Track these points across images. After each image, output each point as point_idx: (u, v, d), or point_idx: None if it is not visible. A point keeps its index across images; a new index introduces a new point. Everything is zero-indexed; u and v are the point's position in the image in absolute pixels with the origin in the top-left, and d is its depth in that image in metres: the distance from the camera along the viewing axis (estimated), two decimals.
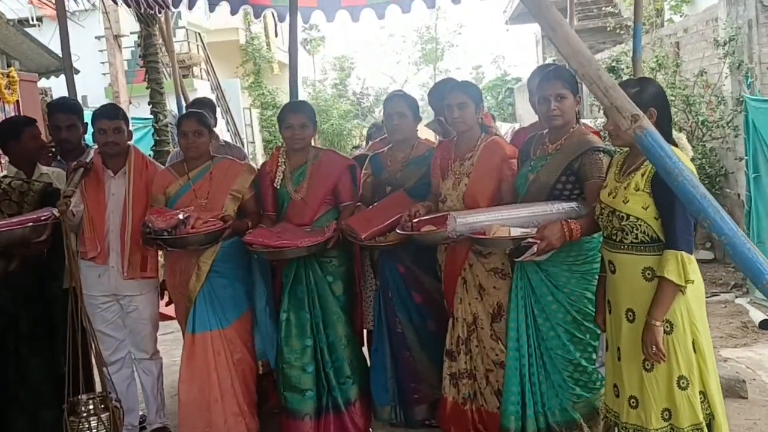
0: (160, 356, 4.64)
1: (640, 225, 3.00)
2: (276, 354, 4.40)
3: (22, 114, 7.85)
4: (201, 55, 19.76)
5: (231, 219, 4.20)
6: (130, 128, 4.53)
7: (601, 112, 10.30)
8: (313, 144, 4.60)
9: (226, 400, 4.26)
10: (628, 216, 3.02)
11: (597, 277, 3.48)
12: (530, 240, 3.42)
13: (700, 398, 3.00)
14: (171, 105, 9.87)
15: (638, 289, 3.04)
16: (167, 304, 4.70)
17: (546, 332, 3.68)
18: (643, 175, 3.01)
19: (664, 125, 3.01)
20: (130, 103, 14.49)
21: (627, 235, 3.04)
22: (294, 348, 4.32)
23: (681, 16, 12.07)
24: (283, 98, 21.97)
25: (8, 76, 8.27)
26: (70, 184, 3.99)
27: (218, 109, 8.50)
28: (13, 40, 10.36)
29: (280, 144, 4.61)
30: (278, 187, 4.42)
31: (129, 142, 4.48)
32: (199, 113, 4.45)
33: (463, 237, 3.67)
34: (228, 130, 18.58)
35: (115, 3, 6.56)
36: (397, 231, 4.02)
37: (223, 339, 4.28)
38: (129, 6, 6.19)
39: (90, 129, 4.54)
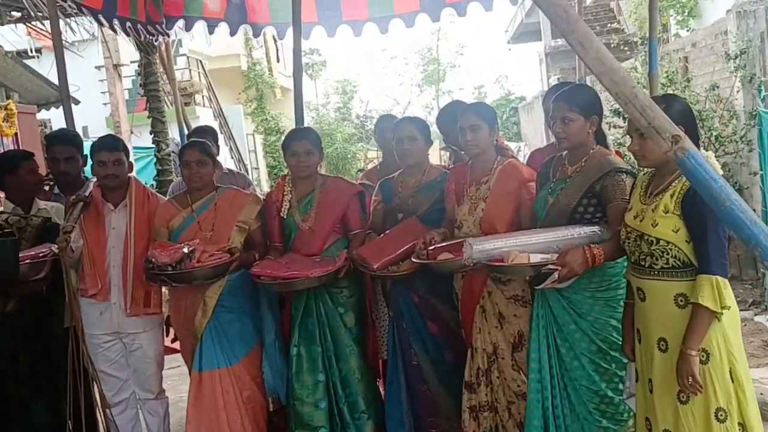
0: (165, 395, 4.50)
1: (670, 249, 2.85)
2: (287, 390, 4.24)
3: (20, 147, 7.77)
4: (203, 82, 19.74)
5: (238, 251, 4.07)
6: (131, 159, 4.42)
7: (612, 129, 10.22)
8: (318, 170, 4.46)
9: None
10: (658, 240, 2.88)
11: (622, 303, 3.33)
12: (551, 266, 3.26)
13: (739, 430, 2.84)
14: (173, 133, 9.77)
15: (671, 317, 2.89)
16: (173, 341, 4.55)
17: (569, 362, 3.50)
18: (672, 197, 2.87)
19: (693, 144, 2.86)
20: (132, 132, 14.40)
21: (657, 260, 2.89)
22: (305, 383, 4.17)
23: (688, 30, 11.98)
24: (287, 123, 21.95)
25: (6, 108, 8.20)
26: (69, 218, 3.90)
27: (221, 136, 8.38)
28: (12, 72, 10.33)
29: (284, 170, 4.48)
30: (285, 217, 4.29)
31: (130, 174, 4.36)
32: (202, 142, 4.33)
33: (480, 264, 3.52)
34: (232, 157, 18.54)
35: (114, 32, 6.46)
36: (413, 259, 3.88)
37: (232, 376, 4.14)
38: (128, 35, 6.11)
39: (89, 161, 4.42)
